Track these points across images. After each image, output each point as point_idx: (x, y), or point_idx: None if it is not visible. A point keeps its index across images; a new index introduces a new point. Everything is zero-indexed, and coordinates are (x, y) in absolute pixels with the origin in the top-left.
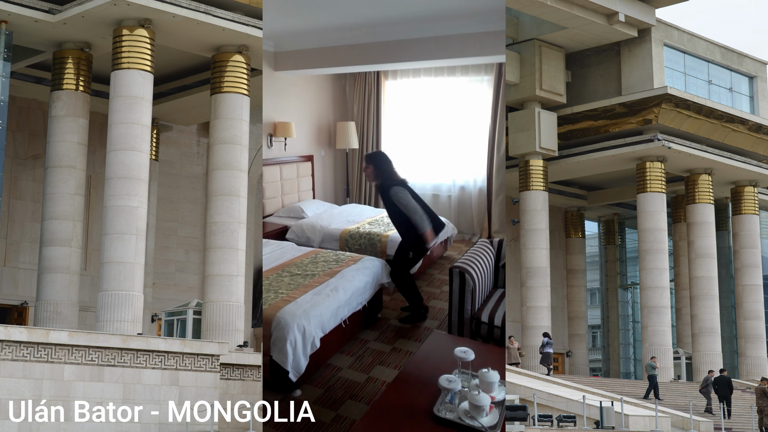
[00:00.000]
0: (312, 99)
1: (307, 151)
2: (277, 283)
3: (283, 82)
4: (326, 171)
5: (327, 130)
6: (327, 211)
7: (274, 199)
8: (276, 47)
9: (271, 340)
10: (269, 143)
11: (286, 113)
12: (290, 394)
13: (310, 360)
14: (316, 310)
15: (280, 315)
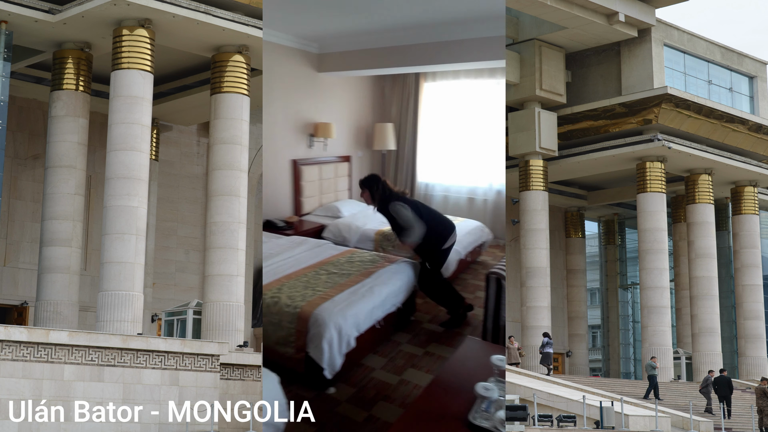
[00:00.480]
0: (352, 100)
1: (345, 152)
2: (315, 280)
3: (324, 84)
4: (363, 171)
5: (365, 131)
6: (362, 212)
7: (312, 198)
8: (320, 49)
9: (308, 336)
10: (309, 143)
11: (327, 114)
12: (324, 391)
13: (344, 358)
14: (352, 310)
15: (317, 312)
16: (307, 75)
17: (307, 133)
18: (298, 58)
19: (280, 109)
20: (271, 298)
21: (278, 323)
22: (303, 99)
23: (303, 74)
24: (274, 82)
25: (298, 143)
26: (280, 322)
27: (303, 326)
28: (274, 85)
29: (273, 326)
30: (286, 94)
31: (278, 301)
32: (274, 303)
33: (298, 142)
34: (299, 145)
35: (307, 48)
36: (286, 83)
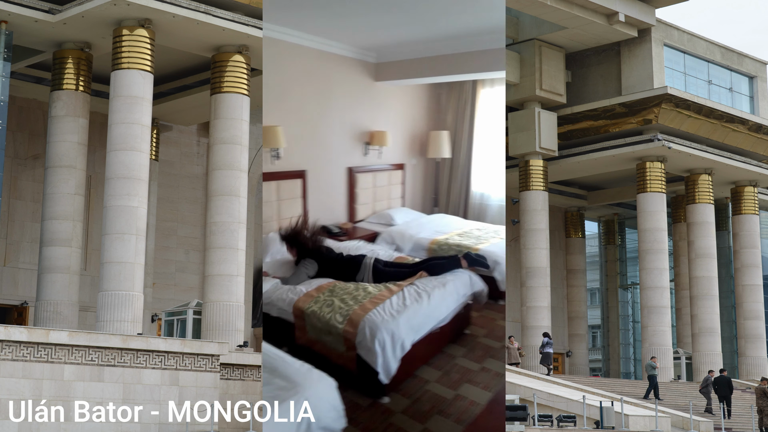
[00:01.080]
0: (407, 108)
1: (400, 160)
2: (366, 283)
3: (380, 92)
4: (416, 180)
5: (419, 139)
6: (416, 220)
7: (365, 206)
8: (378, 58)
9: (359, 339)
10: (365, 151)
11: (382, 122)
12: (378, 400)
13: (399, 363)
14: (404, 315)
15: (369, 316)
16: (365, 84)
17: (363, 141)
18: (356, 68)
19: (337, 117)
20: (324, 299)
21: (331, 323)
22: (360, 107)
23: (360, 83)
24: (331, 91)
25: (354, 151)
26: (332, 321)
27: (354, 328)
28: (331, 93)
29: (324, 326)
30: (343, 103)
31: (332, 303)
32: (328, 304)
33: (354, 150)
34: (354, 152)
35: (366, 57)
36: (343, 92)
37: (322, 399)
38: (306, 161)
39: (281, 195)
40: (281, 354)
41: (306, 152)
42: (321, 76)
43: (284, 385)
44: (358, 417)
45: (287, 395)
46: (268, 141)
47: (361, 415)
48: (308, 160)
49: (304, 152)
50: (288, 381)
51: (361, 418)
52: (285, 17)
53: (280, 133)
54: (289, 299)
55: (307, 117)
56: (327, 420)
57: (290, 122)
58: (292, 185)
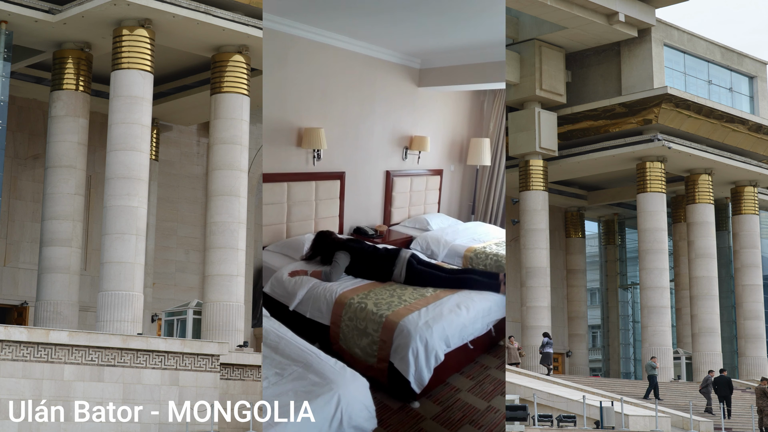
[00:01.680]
0: (449, 114)
1: (438, 165)
2: (401, 290)
3: (422, 98)
4: (453, 186)
5: (459, 145)
6: (452, 226)
7: (401, 209)
8: (422, 64)
9: (392, 347)
10: (404, 155)
11: (423, 127)
12: (408, 404)
13: (432, 373)
14: (440, 324)
15: (403, 323)
16: (408, 89)
17: (403, 145)
18: (400, 73)
19: (379, 121)
20: (358, 303)
21: (364, 329)
22: (402, 112)
23: (404, 88)
24: (374, 95)
25: (393, 154)
26: (366, 328)
27: (388, 336)
28: (374, 97)
29: (358, 332)
30: (385, 107)
31: (365, 306)
32: (362, 308)
33: (393, 154)
34: (394, 156)
35: (410, 63)
36: (386, 96)
37: (355, 398)
38: (345, 163)
39: (319, 195)
40: (315, 350)
41: (346, 154)
42: (365, 80)
43: (318, 381)
44: (388, 419)
45: (321, 391)
46: (310, 142)
47: (392, 417)
48: (347, 162)
49: (344, 154)
50: (322, 377)
51: (391, 421)
52: (333, 22)
53: (322, 135)
54: (326, 302)
55: (348, 120)
56: (359, 419)
57: (332, 124)
58: (331, 186)
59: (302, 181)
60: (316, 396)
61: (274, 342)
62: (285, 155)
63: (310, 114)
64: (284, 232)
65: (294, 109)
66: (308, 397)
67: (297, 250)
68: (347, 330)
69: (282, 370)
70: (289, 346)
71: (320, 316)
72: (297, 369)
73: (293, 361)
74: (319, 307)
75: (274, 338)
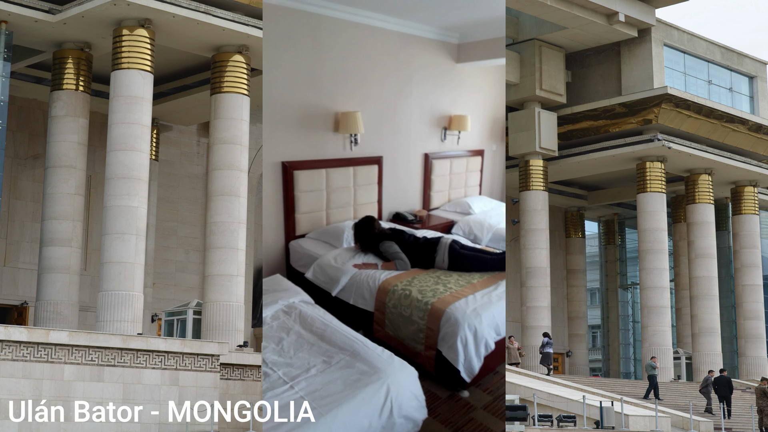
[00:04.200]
0: (489, 91)
1: (479, 146)
2: (446, 277)
3: (462, 75)
4: (496, 167)
5: (501, 123)
6: (495, 209)
7: (441, 193)
8: (460, 39)
9: (440, 335)
10: (443, 136)
11: (463, 106)
12: (457, 393)
13: (483, 362)
14: (489, 311)
15: (450, 311)
16: (446, 66)
17: (442, 125)
18: (437, 49)
19: (416, 101)
20: (402, 290)
21: (409, 317)
22: (440, 91)
23: (442, 65)
24: (411, 74)
25: (432, 136)
26: (411, 315)
27: (434, 324)
28: (411, 77)
29: (403, 319)
30: (422, 86)
31: (410, 293)
32: (406, 296)
33: (432, 135)
34: (432, 137)
35: (448, 39)
36: (423, 75)
37: (405, 387)
38: (383, 147)
39: (357, 181)
40: (362, 338)
41: (383, 138)
42: (401, 59)
43: (366, 369)
44: (437, 408)
45: (369, 380)
46: (347, 126)
47: (441, 406)
48: (385, 145)
49: (381, 138)
50: (370, 366)
51: (440, 410)
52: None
53: (358, 119)
54: (369, 289)
55: (385, 101)
56: (409, 409)
57: (368, 107)
58: (369, 171)
59: (340, 167)
60: (365, 385)
61: (321, 330)
62: (321, 141)
63: (346, 97)
64: (324, 219)
65: (329, 93)
66: (357, 386)
67: (337, 237)
68: (392, 317)
69: (329, 357)
70: (336, 334)
71: (364, 302)
72: (344, 357)
73: (340, 349)
74: (363, 294)
75: (320, 326)
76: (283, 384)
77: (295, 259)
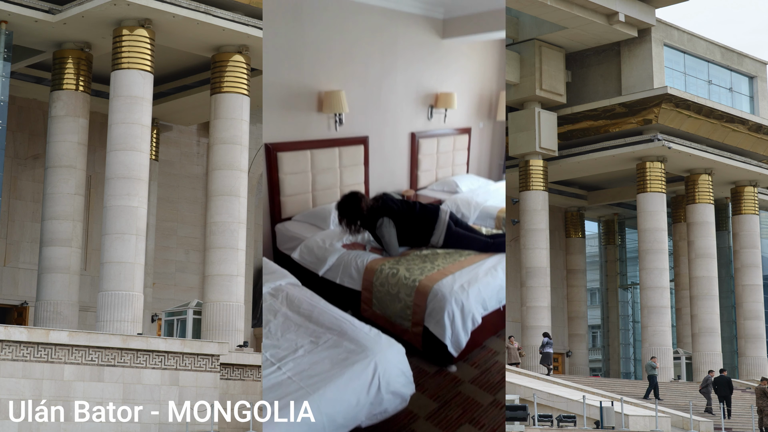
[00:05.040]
0: (476, 67)
1: (466, 123)
2: (434, 255)
3: (447, 51)
4: (483, 145)
5: (488, 100)
6: (482, 187)
7: (428, 172)
8: (446, 14)
9: (427, 311)
10: (429, 115)
11: (449, 83)
12: (445, 368)
13: (469, 336)
14: (475, 287)
15: (437, 287)
16: (432, 42)
17: (428, 103)
18: (422, 25)
19: (401, 79)
20: (390, 268)
21: (396, 294)
22: (426, 68)
23: (427, 42)
24: (396, 51)
25: (418, 114)
26: (398, 293)
27: (422, 300)
28: (396, 54)
29: (391, 297)
30: (408, 64)
31: (397, 272)
32: (393, 274)
33: (418, 114)
34: (419, 116)
35: (433, 14)
36: (408, 52)
37: (392, 364)
38: (368, 126)
39: (343, 162)
40: (349, 317)
41: (368, 117)
42: (385, 35)
43: (354, 348)
44: (425, 383)
45: (357, 358)
46: (331, 106)
47: (429, 381)
48: (370, 125)
49: (367, 117)
50: (357, 345)
51: (428, 385)
52: None
53: (342, 98)
54: (357, 268)
55: (370, 80)
56: (397, 385)
57: (353, 86)
58: (354, 151)
59: (325, 148)
60: (353, 363)
61: (308, 311)
62: (305, 121)
63: (329, 76)
64: (310, 202)
65: (312, 72)
66: (344, 364)
67: (324, 219)
68: (380, 295)
69: (317, 338)
70: (323, 315)
71: (351, 282)
72: (332, 337)
73: (327, 329)
74: (350, 273)
75: (307, 307)
76: (271, 365)
77: (282, 242)
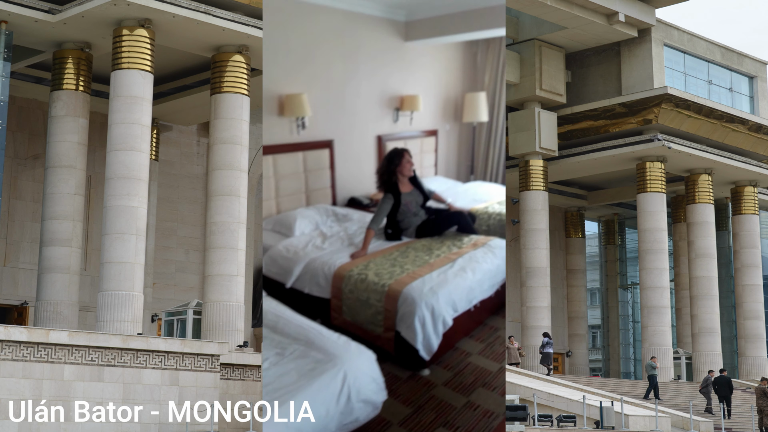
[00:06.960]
0: (440, 70)
1: (432, 126)
2: (403, 258)
3: (410, 54)
4: (450, 146)
5: (454, 102)
6: (451, 189)
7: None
8: (408, 16)
9: (398, 316)
10: (395, 117)
11: (414, 85)
12: (418, 373)
13: (441, 339)
14: (445, 289)
15: (406, 291)
16: (394, 45)
17: (393, 106)
18: (384, 28)
19: (365, 81)
20: (358, 274)
21: (366, 300)
22: (389, 70)
23: (389, 44)
24: (358, 54)
25: (383, 117)
26: (368, 299)
27: (392, 305)
28: (358, 56)
29: (361, 303)
30: (371, 66)
31: (366, 278)
32: (362, 280)
33: (383, 116)
34: (384, 119)
35: (395, 16)
36: (371, 54)
37: (362, 371)
38: (333, 130)
39: (308, 166)
40: (317, 326)
41: (332, 121)
42: (347, 38)
43: (321, 357)
44: (398, 389)
45: (325, 368)
46: (293, 109)
47: (401, 387)
48: (335, 128)
49: (331, 121)
50: (325, 354)
51: (401, 390)
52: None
53: (304, 101)
54: (324, 276)
55: (333, 82)
56: (367, 392)
57: (315, 89)
58: (319, 156)
59: (288, 153)
60: (321, 373)
61: (272, 321)
62: (266, 125)
63: (289, 79)
64: (274, 208)
65: (272, 75)
66: (312, 375)
67: (288, 226)
68: (350, 302)
69: (282, 349)
70: (289, 325)
71: (319, 290)
72: (298, 347)
73: (293, 339)
74: (318, 282)
75: (272, 318)
76: None
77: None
